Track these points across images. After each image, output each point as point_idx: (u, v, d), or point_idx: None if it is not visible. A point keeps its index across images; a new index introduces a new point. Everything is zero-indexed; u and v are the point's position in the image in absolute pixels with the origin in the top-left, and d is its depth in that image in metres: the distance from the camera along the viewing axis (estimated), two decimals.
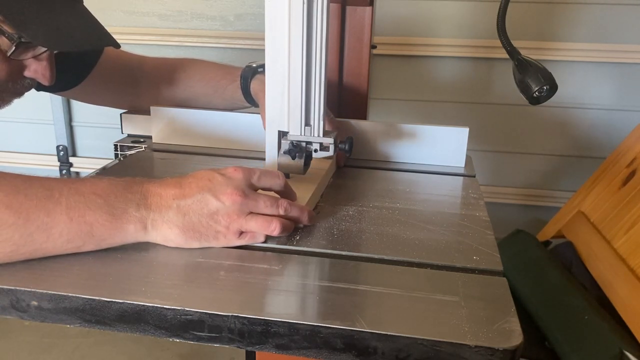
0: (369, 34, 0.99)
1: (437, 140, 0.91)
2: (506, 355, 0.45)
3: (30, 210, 0.53)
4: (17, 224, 0.52)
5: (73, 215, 0.54)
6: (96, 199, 0.55)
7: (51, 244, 0.54)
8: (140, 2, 1.83)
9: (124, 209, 0.56)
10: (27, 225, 0.53)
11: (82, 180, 0.58)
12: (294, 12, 0.64)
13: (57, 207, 0.54)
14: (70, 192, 0.55)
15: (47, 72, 0.70)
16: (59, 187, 0.55)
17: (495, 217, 0.73)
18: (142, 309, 0.50)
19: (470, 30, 1.70)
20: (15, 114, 2.07)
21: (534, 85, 0.80)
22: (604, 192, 1.46)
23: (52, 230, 0.54)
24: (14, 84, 0.70)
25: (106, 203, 0.56)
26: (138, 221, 0.57)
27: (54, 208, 0.54)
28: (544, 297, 1.29)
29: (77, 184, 0.57)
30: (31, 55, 0.68)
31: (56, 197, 0.54)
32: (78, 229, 0.54)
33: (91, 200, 0.55)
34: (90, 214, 0.55)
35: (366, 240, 0.64)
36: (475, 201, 0.77)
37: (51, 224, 0.53)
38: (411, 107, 1.84)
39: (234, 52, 1.83)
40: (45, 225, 0.53)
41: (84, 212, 0.55)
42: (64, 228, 0.54)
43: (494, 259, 0.60)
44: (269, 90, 0.69)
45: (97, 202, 0.55)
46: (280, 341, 0.49)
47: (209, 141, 0.98)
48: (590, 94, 1.73)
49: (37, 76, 0.70)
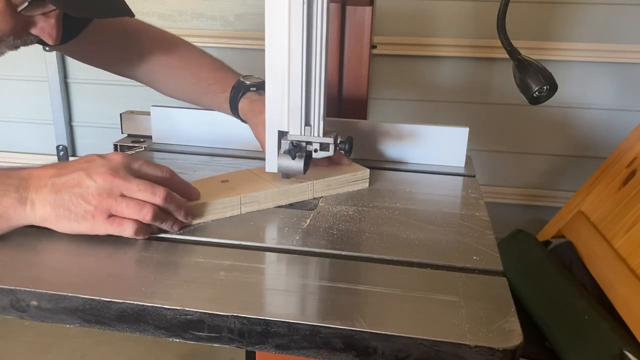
0: (369, 34, 0.99)
1: (437, 140, 0.91)
2: (506, 355, 0.45)
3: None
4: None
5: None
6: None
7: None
8: (140, 2, 1.83)
9: (4, 191, 0.58)
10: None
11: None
12: (294, 12, 0.64)
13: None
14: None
15: (54, 32, 0.67)
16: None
17: (495, 217, 0.73)
18: (142, 309, 0.50)
19: (470, 30, 1.70)
20: (15, 114, 2.07)
21: (534, 85, 0.80)
22: (604, 192, 1.46)
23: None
24: (16, 38, 0.67)
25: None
26: (18, 203, 0.58)
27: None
28: (544, 297, 1.29)
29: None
30: (40, 12, 0.65)
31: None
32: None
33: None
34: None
35: (366, 240, 0.64)
36: (475, 201, 0.77)
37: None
38: (411, 107, 1.84)
39: (234, 52, 1.83)
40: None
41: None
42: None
43: (494, 259, 0.60)
44: (269, 90, 0.69)
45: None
46: (280, 341, 0.49)
47: (209, 141, 0.98)
48: (590, 94, 1.73)
49: (42, 35, 0.67)
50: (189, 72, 0.93)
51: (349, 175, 0.79)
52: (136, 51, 0.92)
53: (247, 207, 0.71)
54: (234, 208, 0.70)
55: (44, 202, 0.59)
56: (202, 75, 0.92)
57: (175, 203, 0.63)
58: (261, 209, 0.72)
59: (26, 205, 0.59)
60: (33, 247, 0.60)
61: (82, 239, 0.62)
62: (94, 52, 0.92)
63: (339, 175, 0.79)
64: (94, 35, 0.88)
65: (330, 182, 0.78)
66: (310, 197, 0.76)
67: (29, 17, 0.65)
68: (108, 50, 0.92)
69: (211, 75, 0.91)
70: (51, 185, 0.59)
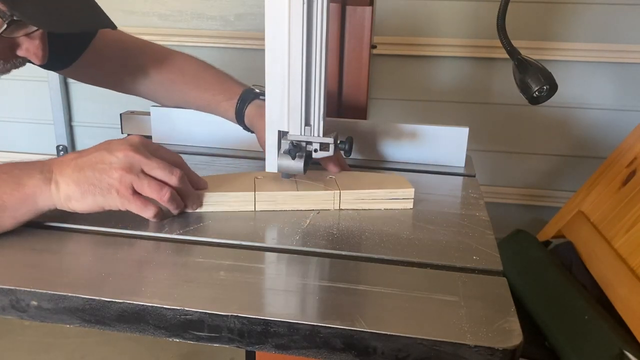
0: (369, 34, 0.99)
1: (437, 140, 0.91)
2: (506, 355, 0.45)
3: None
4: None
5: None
6: (1, 175, 0.60)
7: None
8: (140, 2, 1.83)
9: (29, 175, 0.61)
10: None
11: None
12: (294, 12, 0.64)
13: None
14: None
15: (40, 52, 0.68)
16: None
17: (495, 217, 0.73)
18: (142, 309, 0.50)
19: (470, 30, 1.70)
20: (15, 114, 2.07)
21: (534, 85, 0.80)
22: (604, 192, 1.46)
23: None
24: (5, 62, 0.69)
25: (11, 176, 0.60)
26: (42, 183, 0.61)
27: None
28: (544, 297, 1.29)
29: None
30: (23, 34, 0.66)
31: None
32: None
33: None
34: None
35: (366, 240, 0.64)
36: (475, 201, 0.77)
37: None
38: (411, 107, 1.84)
39: (234, 52, 1.83)
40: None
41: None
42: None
43: (494, 259, 0.60)
44: (269, 90, 0.69)
45: (2, 177, 0.60)
46: (280, 341, 0.49)
47: (209, 141, 0.98)
48: (590, 94, 1.73)
49: (29, 55, 0.69)
50: (192, 86, 0.94)
51: (387, 192, 0.71)
52: (138, 69, 0.94)
53: (263, 205, 0.71)
54: (247, 204, 0.70)
55: (68, 181, 0.61)
56: (206, 87, 0.93)
57: (188, 186, 0.67)
58: (277, 209, 0.71)
59: (50, 185, 0.61)
60: (33, 247, 0.60)
61: (82, 239, 0.62)
62: (97, 73, 0.94)
63: (376, 189, 0.71)
64: (95, 56, 0.91)
65: (361, 194, 0.72)
66: (333, 207, 0.72)
67: (13, 39, 0.66)
68: (110, 70, 0.94)
69: (215, 87, 0.92)
70: (74, 165, 0.62)
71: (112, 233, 0.63)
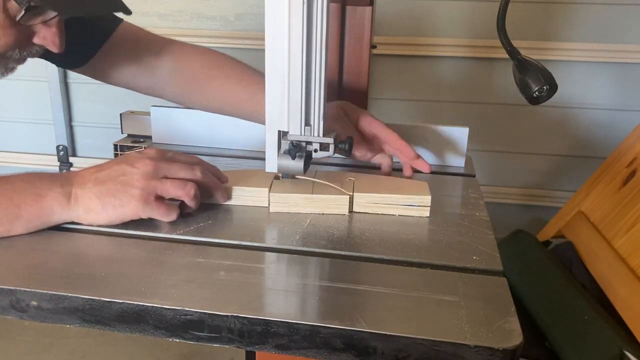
0: (369, 34, 0.98)
1: (437, 140, 0.91)
2: (506, 355, 0.45)
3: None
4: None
5: (2, 200, 0.59)
6: (23, 184, 0.61)
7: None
8: (141, 2, 1.83)
9: (49, 188, 0.62)
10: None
11: (9, 175, 0.63)
12: (294, 12, 0.64)
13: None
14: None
15: (57, 39, 0.67)
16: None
17: (495, 217, 0.73)
18: (142, 309, 0.50)
19: (470, 30, 1.70)
20: (15, 114, 2.07)
21: (534, 85, 0.80)
22: (604, 192, 1.46)
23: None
24: (21, 50, 0.68)
25: (32, 186, 0.61)
26: (62, 196, 0.62)
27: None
28: (544, 297, 1.29)
29: (4, 177, 0.62)
30: (40, 21, 0.66)
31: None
32: (6, 212, 0.59)
33: (18, 186, 0.61)
34: (17, 197, 0.60)
35: (366, 240, 0.64)
36: (475, 201, 0.77)
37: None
38: (411, 107, 1.84)
39: (234, 52, 1.81)
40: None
41: (12, 195, 0.60)
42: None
43: (494, 259, 0.60)
44: (269, 90, 0.69)
45: (24, 186, 0.61)
46: (280, 341, 0.49)
47: (209, 141, 0.98)
48: (590, 94, 1.73)
49: (46, 43, 0.68)
50: (235, 80, 0.88)
51: (402, 197, 0.70)
52: (164, 71, 0.90)
53: (277, 207, 0.71)
54: (262, 201, 0.71)
55: (90, 195, 0.62)
56: (251, 80, 0.86)
57: (211, 179, 0.69)
58: (290, 211, 0.71)
59: (70, 199, 0.62)
60: (33, 247, 0.60)
61: (82, 239, 0.62)
62: (112, 68, 0.90)
63: (390, 193, 0.71)
64: (114, 55, 0.88)
65: (375, 198, 0.71)
66: (347, 211, 0.71)
67: (30, 26, 0.66)
68: (126, 65, 0.90)
69: (258, 79, 0.84)
70: (95, 179, 0.63)
71: (112, 233, 0.63)
